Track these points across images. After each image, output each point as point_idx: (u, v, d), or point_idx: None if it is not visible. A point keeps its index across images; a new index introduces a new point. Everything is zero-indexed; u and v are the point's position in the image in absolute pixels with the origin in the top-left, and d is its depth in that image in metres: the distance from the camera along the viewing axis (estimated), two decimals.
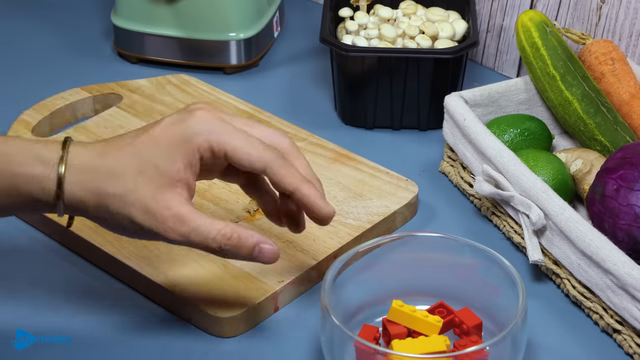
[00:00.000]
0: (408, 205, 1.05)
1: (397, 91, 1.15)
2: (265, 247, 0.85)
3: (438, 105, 1.14)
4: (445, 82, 1.15)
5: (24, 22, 1.38)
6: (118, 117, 1.16)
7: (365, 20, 1.19)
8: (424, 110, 1.17)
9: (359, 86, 1.16)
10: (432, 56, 1.14)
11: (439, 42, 1.17)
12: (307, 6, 1.43)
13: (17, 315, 0.95)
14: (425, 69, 1.14)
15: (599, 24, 1.19)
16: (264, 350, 0.92)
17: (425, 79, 1.14)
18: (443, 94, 1.11)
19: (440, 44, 1.16)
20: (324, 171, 1.09)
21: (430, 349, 0.84)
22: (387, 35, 1.16)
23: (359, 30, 1.19)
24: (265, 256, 0.86)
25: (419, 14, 1.20)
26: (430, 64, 1.14)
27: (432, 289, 0.93)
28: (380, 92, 1.15)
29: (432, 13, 1.20)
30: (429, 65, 1.14)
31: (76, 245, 1.01)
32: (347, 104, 1.17)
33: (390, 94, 1.16)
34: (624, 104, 1.11)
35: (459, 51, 1.13)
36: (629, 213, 0.93)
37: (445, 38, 1.17)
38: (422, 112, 1.17)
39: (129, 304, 0.96)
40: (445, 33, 1.17)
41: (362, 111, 1.17)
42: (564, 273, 0.96)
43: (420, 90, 1.15)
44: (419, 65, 1.14)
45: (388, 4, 1.24)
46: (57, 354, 0.91)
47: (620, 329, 0.91)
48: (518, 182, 0.99)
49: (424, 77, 1.14)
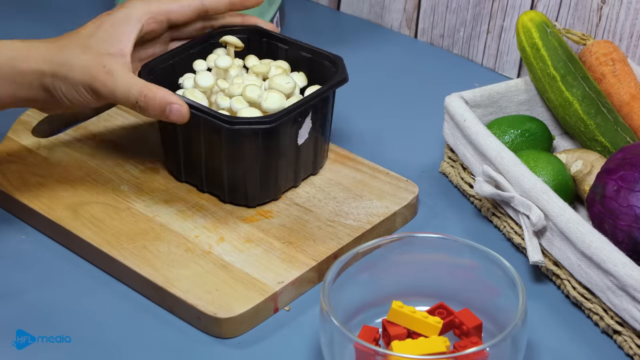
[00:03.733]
0: (408, 206, 1.05)
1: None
2: (175, 106, 0.96)
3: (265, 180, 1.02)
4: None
5: (25, 24, 1.39)
6: (118, 117, 1.16)
7: (225, 64, 1.06)
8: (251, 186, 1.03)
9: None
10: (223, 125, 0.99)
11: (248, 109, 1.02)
12: (308, 6, 1.43)
13: (17, 315, 0.95)
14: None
15: (599, 24, 1.19)
16: (264, 351, 0.92)
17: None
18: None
19: (248, 112, 1.01)
20: (324, 171, 1.09)
21: (430, 350, 0.84)
22: (200, 85, 1.04)
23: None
24: (174, 114, 0.96)
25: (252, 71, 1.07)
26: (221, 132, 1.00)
27: (432, 290, 0.93)
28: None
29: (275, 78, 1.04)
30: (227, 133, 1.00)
31: (76, 245, 1.01)
32: (170, 157, 1.07)
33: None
34: (625, 105, 1.10)
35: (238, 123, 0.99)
36: (629, 214, 0.92)
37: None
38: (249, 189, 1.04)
39: (128, 305, 0.96)
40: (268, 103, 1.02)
41: (174, 164, 1.07)
42: (564, 274, 0.96)
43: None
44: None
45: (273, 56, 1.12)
46: (57, 354, 0.91)
47: (621, 330, 0.91)
48: (518, 183, 0.98)
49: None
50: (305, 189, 1.07)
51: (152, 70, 1.04)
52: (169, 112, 0.96)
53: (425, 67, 1.32)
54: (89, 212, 1.03)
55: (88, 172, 1.08)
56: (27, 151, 1.11)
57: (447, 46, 1.34)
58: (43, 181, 1.07)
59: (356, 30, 1.39)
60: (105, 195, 1.05)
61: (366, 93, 1.27)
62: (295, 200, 1.05)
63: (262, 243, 1.00)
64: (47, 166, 1.09)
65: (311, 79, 1.09)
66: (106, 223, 1.02)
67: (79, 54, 0.98)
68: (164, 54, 1.06)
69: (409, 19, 1.37)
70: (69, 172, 1.08)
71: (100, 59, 0.97)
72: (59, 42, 0.99)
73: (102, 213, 1.03)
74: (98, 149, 1.12)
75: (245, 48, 1.10)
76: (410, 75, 1.31)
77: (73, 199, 1.05)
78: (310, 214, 1.03)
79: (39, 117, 1.16)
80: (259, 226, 1.02)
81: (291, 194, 1.06)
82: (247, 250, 0.99)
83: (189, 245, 1.00)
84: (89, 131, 1.14)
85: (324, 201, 1.05)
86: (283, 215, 1.03)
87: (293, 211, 1.04)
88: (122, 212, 1.03)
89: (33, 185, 1.06)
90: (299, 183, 1.07)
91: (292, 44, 1.10)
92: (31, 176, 1.08)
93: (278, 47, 1.11)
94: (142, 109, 0.97)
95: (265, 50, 1.11)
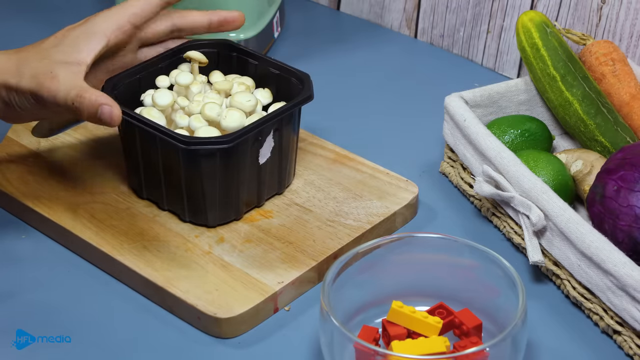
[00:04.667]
0: (408, 206, 1.05)
1: None
2: (105, 108, 0.94)
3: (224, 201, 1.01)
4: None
5: (26, 25, 1.38)
6: None
7: (185, 81, 1.04)
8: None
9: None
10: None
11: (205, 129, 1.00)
12: (308, 7, 1.43)
13: (17, 315, 0.95)
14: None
15: (599, 24, 1.19)
16: (264, 351, 0.92)
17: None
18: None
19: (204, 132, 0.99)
20: (324, 171, 1.09)
21: (430, 350, 0.84)
22: (158, 103, 1.01)
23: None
24: (105, 116, 0.94)
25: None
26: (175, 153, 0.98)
27: (431, 290, 0.93)
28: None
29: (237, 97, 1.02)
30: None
31: (76, 245, 1.01)
32: (131, 173, 1.06)
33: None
34: (625, 105, 1.10)
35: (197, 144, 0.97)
36: (629, 214, 0.92)
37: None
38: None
39: (128, 305, 0.96)
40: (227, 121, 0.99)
41: (136, 180, 1.05)
42: (564, 274, 0.96)
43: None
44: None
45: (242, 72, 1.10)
46: (57, 354, 0.91)
47: (621, 330, 0.91)
48: (518, 183, 0.98)
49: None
50: (305, 189, 1.07)
51: (117, 85, 1.02)
52: (100, 113, 0.94)
53: (425, 67, 1.32)
54: (89, 212, 1.03)
55: (88, 172, 1.08)
56: (27, 151, 1.11)
57: (447, 46, 1.34)
58: (43, 181, 1.07)
59: (356, 30, 1.39)
60: (105, 195, 1.05)
61: (366, 93, 1.27)
62: (295, 200, 1.05)
63: (262, 243, 1.00)
64: (47, 166, 1.09)
65: (278, 96, 1.06)
66: (106, 223, 1.02)
67: (33, 64, 0.97)
68: (130, 68, 1.04)
69: (408, 19, 1.37)
70: (69, 172, 1.08)
71: (50, 66, 0.96)
72: (19, 54, 0.99)
73: (102, 213, 1.03)
74: (98, 149, 1.12)
75: (215, 62, 1.08)
76: (410, 75, 1.31)
77: (73, 199, 1.05)
78: (310, 214, 1.03)
79: None
80: (259, 226, 1.02)
81: (291, 194, 1.06)
82: (247, 250, 0.99)
83: (189, 245, 1.00)
84: (89, 131, 1.14)
85: (324, 201, 1.05)
86: (283, 215, 1.03)
87: (293, 211, 1.04)
88: (122, 212, 1.03)
89: (33, 185, 1.06)
90: (262, 203, 1.04)
91: (261, 60, 1.07)
92: (31, 176, 1.08)
93: (248, 62, 1.08)
94: (77, 110, 0.95)
95: (235, 65, 1.09)
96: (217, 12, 1.07)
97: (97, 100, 0.94)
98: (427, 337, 0.87)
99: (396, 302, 0.88)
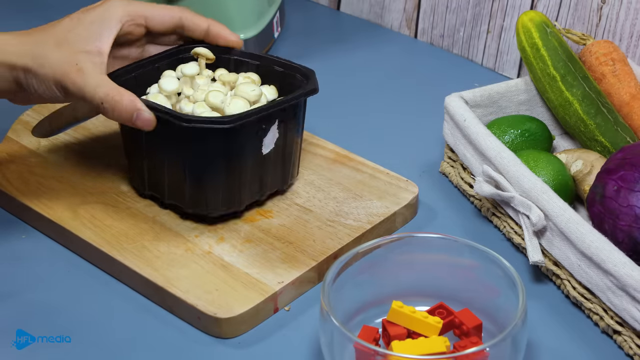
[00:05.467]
0: (408, 206, 1.05)
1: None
2: (144, 114, 0.95)
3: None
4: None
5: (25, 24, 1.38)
6: None
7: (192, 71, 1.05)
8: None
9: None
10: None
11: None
12: (308, 7, 1.43)
13: (17, 315, 0.95)
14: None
15: (599, 24, 1.19)
16: (264, 351, 0.92)
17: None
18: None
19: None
20: (324, 171, 1.09)
21: (430, 350, 0.84)
22: (164, 88, 1.02)
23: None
24: (141, 121, 0.95)
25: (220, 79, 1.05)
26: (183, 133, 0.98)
27: (432, 290, 0.93)
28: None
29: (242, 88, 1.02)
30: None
31: (76, 245, 1.01)
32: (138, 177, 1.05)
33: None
34: (625, 105, 1.11)
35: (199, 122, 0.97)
36: (629, 214, 0.92)
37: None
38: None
39: (128, 305, 0.96)
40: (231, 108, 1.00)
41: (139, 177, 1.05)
42: (564, 274, 0.96)
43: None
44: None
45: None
46: (57, 354, 0.91)
47: (621, 330, 0.91)
48: (518, 183, 0.98)
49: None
50: (305, 189, 1.07)
51: (114, 80, 1.00)
52: (136, 118, 0.95)
53: (425, 67, 1.32)
54: (89, 212, 1.03)
55: (88, 172, 1.08)
56: (27, 151, 1.11)
57: (447, 46, 1.34)
58: (43, 181, 1.07)
59: (356, 30, 1.39)
60: (105, 195, 1.05)
61: (366, 93, 1.27)
62: (295, 200, 1.05)
63: (262, 243, 1.00)
64: (47, 166, 1.09)
65: (283, 93, 1.06)
66: (106, 223, 1.02)
67: (53, 50, 0.96)
68: (128, 65, 1.03)
69: (408, 19, 1.37)
70: (69, 172, 1.08)
71: (74, 57, 0.96)
72: (34, 36, 0.98)
73: (102, 213, 1.03)
74: (98, 149, 1.12)
75: (215, 62, 1.08)
76: (410, 75, 1.31)
77: (73, 199, 1.05)
78: (310, 214, 1.03)
79: (39, 117, 1.16)
80: (259, 226, 1.02)
81: (291, 194, 1.06)
82: (247, 250, 0.99)
83: (189, 245, 1.00)
84: (89, 131, 1.14)
85: (324, 201, 1.05)
86: (283, 215, 1.03)
87: (293, 211, 1.04)
88: (122, 212, 1.03)
89: (33, 185, 1.06)
90: (264, 197, 1.04)
91: (263, 59, 1.07)
92: (31, 176, 1.08)
93: (249, 63, 1.07)
94: (107, 111, 0.95)
95: (233, 68, 1.08)
96: (219, 25, 1.06)
97: (134, 105, 0.95)
98: (427, 337, 0.87)
99: (396, 302, 0.88)
